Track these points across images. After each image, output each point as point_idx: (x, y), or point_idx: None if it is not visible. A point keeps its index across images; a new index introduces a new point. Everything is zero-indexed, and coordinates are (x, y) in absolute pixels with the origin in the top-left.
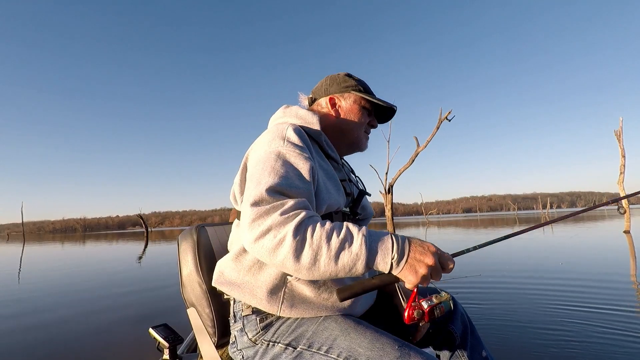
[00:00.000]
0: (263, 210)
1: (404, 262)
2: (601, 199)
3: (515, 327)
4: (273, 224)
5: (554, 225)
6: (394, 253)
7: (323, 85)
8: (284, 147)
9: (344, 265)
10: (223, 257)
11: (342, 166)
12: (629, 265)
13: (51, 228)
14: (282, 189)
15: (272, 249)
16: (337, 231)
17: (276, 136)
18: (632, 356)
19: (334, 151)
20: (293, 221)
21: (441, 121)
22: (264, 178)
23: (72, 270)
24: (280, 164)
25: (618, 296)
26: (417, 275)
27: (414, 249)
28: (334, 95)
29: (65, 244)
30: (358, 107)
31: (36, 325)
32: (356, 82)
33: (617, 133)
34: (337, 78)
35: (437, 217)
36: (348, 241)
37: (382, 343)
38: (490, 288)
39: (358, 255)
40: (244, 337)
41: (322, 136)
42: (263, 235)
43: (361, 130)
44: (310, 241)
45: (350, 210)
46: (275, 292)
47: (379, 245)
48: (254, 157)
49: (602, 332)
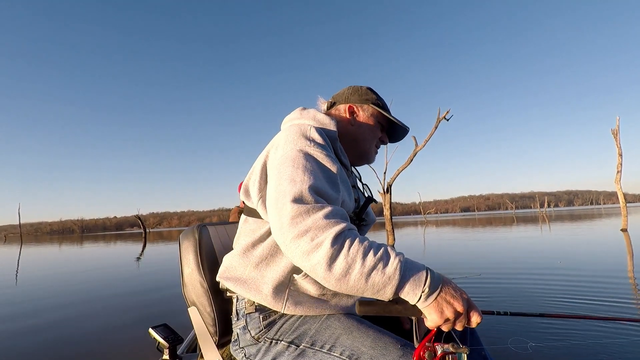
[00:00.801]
0: (304, 208)
1: (433, 299)
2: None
3: (515, 326)
4: (313, 225)
5: (552, 223)
6: (425, 287)
7: (345, 93)
8: (311, 148)
9: (374, 285)
10: (230, 252)
11: (352, 173)
12: (627, 262)
13: (48, 229)
14: (320, 190)
15: (307, 252)
16: (375, 250)
17: (300, 135)
18: (628, 346)
19: (346, 158)
20: (334, 228)
21: (439, 120)
22: (299, 176)
23: (71, 270)
24: (312, 164)
25: (616, 292)
26: (442, 316)
27: (446, 290)
28: (354, 104)
29: (63, 246)
30: (374, 120)
31: (35, 325)
32: (376, 97)
33: (614, 132)
34: (360, 90)
35: (435, 217)
36: (383, 262)
37: (384, 342)
38: (490, 287)
39: (390, 279)
40: (247, 334)
41: (337, 142)
42: (301, 235)
43: (372, 143)
44: (346, 253)
45: (356, 216)
46: (281, 289)
47: (413, 275)
48: (278, 154)
49: (601, 326)
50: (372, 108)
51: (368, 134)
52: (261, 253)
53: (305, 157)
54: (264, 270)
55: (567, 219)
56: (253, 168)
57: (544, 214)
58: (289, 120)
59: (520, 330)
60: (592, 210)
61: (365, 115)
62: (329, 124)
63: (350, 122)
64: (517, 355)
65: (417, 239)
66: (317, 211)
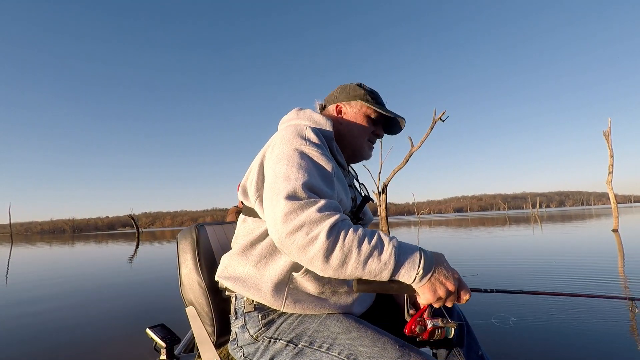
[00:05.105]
0: (298, 205)
1: (427, 280)
2: (589, 198)
3: (513, 326)
4: (307, 220)
5: (544, 223)
6: (419, 269)
7: (334, 94)
8: (306, 146)
9: (370, 272)
10: (228, 252)
11: (348, 172)
12: (617, 261)
13: (39, 229)
14: (314, 187)
15: (304, 246)
16: (369, 238)
17: (296, 135)
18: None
19: (342, 157)
20: (327, 220)
21: (435, 121)
22: (294, 174)
23: (63, 269)
24: (307, 162)
25: (608, 289)
26: (435, 295)
27: (439, 271)
28: (341, 102)
29: (54, 245)
30: (363, 115)
31: (29, 325)
32: (365, 92)
33: (606, 133)
34: (348, 87)
35: (428, 217)
36: (378, 249)
37: (383, 342)
38: (487, 287)
39: (386, 264)
40: (246, 333)
41: (333, 142)
42: (296, 230)
43: (363, 138)
44: (341, 244)
45: (354, 215)
46: (280, 288)
47: (408, 258)
48: (274, 153)
49: (580, 304)
50: (360, 103)
51: (357, 130)
52: (260, 252)
53: (300, 156)
54: (263, 269)
55: (559, 220)
56: (250, 168)
57: (535, 215)
58: (286, 121)
59: (504, 309)
60: (583, 210)
61: (353, 112)
62: (325, 123)
63: (339, 121)
64: (499, 330)
65: (411, 239)
66: (311, 206)
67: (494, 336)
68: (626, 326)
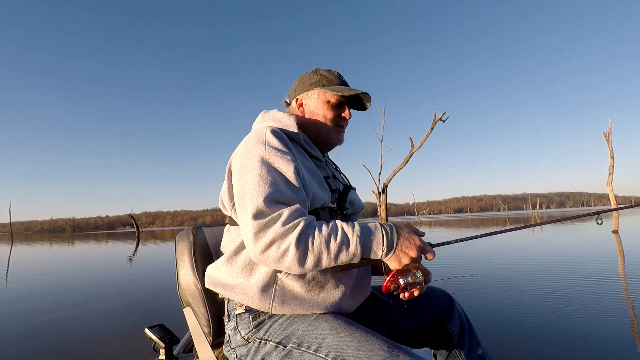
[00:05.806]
0: (263, 223)
1: (392, 254)
2: (589, 199)
3: (513, 325)
4: (275, 236)
5: (544, 225)
6: (384, 247)
7: (293, 87)
8: (266, 152)
9: (343, 262)
10: (214, 262)
11: (327, 164)
12: (617, 262)
13: (39, 228)
14: (277, 198)
15: (278, 259)
16: (334, 235)
17: (257, 141)
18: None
19: (315, 149)
20: (294, 232)
21: (435, 122)
22: (256, 188)
23: (63, 269)
24: (267, 170)
25: (608, 289)
26: (400, 263)
27: (401, 242)
28: (300, 95)
29: (54, 244)
30: (322, 102)
31: (29, 325)
32: (320, 77)
33: (606, 135)
34: (304, 77)
35: (428, 217)
36: (345, 244)
37: (371, 344)
38: (487, 287)
39: (355, 254)
40: (237, 335)
41: (301, 135)
42: (267, 247)
43: (329, 126)
44: (311, 249)
45: (338, 205)
46: (267, 290)
47: (372, 241)
48: (238, 164)
49: (596, 319)
50: (317, 90)
51: (320, 118)
52: (244, 259)
53: (261, 165)
54: (248, 275)
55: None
56: (225, 177)
57: (536, 215)
58: (254, 126)
59: (507, 305)
60: (583, 211)
61: (312, 101)
62: (288, 120)
63: (302, 114)
64: (499, 330)
65: None
66: (276, 221)
67: (495, 335)
68: (627, 326)
